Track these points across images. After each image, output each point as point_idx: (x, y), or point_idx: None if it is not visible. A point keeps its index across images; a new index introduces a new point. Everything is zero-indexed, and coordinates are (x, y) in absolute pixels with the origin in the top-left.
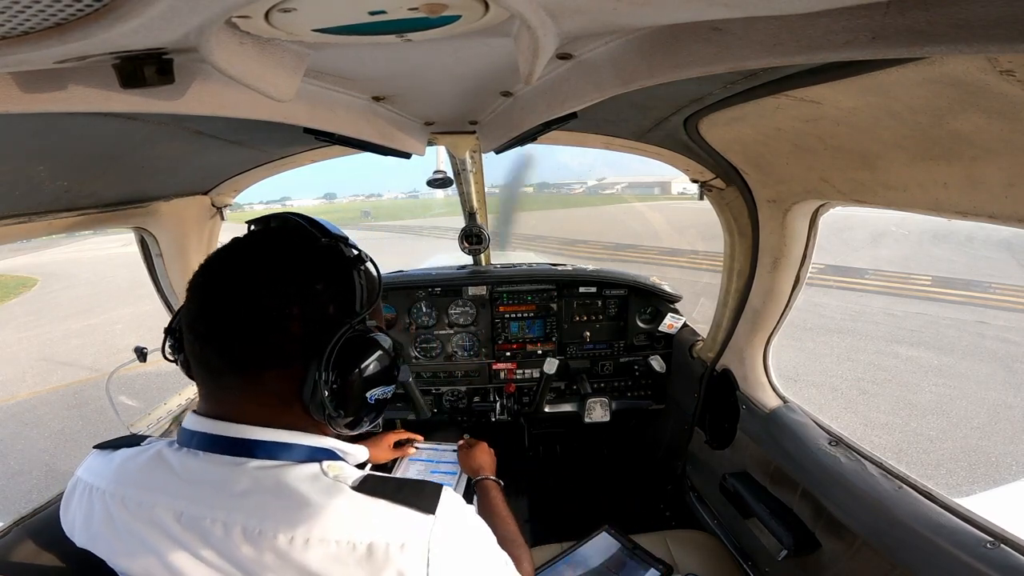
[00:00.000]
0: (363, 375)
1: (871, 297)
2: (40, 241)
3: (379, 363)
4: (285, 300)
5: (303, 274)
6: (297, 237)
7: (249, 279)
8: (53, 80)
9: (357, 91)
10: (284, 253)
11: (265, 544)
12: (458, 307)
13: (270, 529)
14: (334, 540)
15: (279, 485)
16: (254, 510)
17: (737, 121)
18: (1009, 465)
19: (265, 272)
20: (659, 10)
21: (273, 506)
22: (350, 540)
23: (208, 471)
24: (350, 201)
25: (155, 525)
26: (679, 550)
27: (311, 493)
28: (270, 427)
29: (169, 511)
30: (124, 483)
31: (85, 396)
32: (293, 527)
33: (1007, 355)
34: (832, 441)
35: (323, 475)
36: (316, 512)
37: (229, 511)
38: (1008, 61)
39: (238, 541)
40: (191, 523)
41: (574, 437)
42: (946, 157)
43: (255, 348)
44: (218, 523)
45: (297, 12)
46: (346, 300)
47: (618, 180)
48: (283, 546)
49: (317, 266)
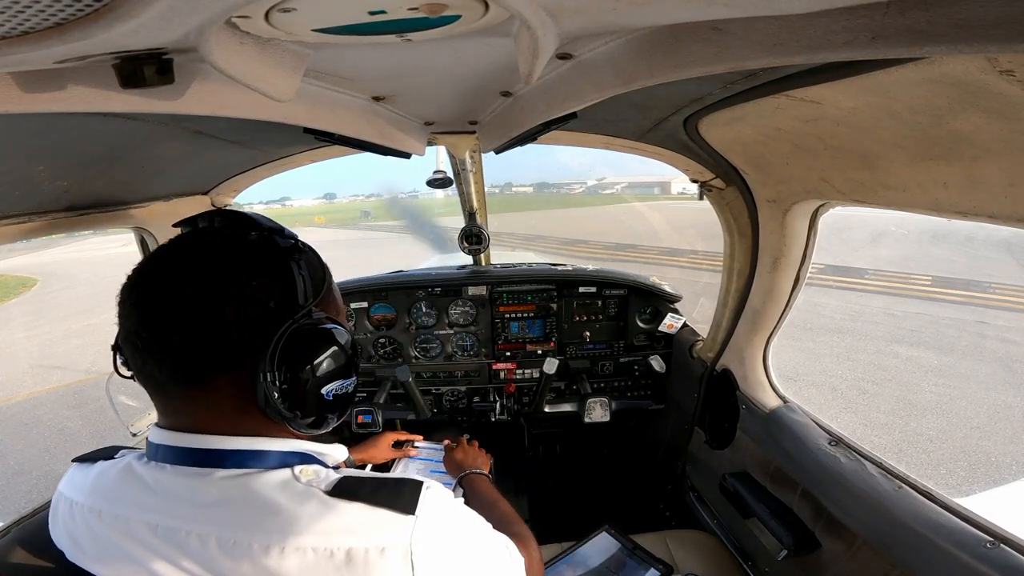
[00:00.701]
0: (315, 371)
1: (871, 297)
2: (40, 241)
3: (332, 356)
4: (217, 302)
5: (233, 272)
6: (225, 235)
7: (176, 285)
8: (53, 80)
9: (357, 91)
10: (211, 253)
11: (241, 554)
12: (458, 307)
13: (244, 539)
14: (310, 548)
15: (248, 494)
16: (226, 521)
17: (737, 121)
18: (1009, 465)
19: (191, 274)
20: (659, 10)
21: (245, 516)
22: (327, 547)
23: (176, 484)
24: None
25: (134, 538)
26: (679, 550)
27: (282, 500)
28: (234, 435)
29: (144, 524)
30: (99, 498)
31: (85, 396)
32: (268, 536)
33: (1007, 355)
34: (832, 441)
35: (295, 480)
36: (290, 520)
37: (202, 523)
38: (1008, 61)
39: (215, 552)
40: (168, 535)
41: (574, 437)
42: (946, 157)
43: (194, 357)
44: (192, 535)
45: (297, 12)
46: (286, 294)
47: (618, 180)
48: (259, 556)
49: (248, 262)
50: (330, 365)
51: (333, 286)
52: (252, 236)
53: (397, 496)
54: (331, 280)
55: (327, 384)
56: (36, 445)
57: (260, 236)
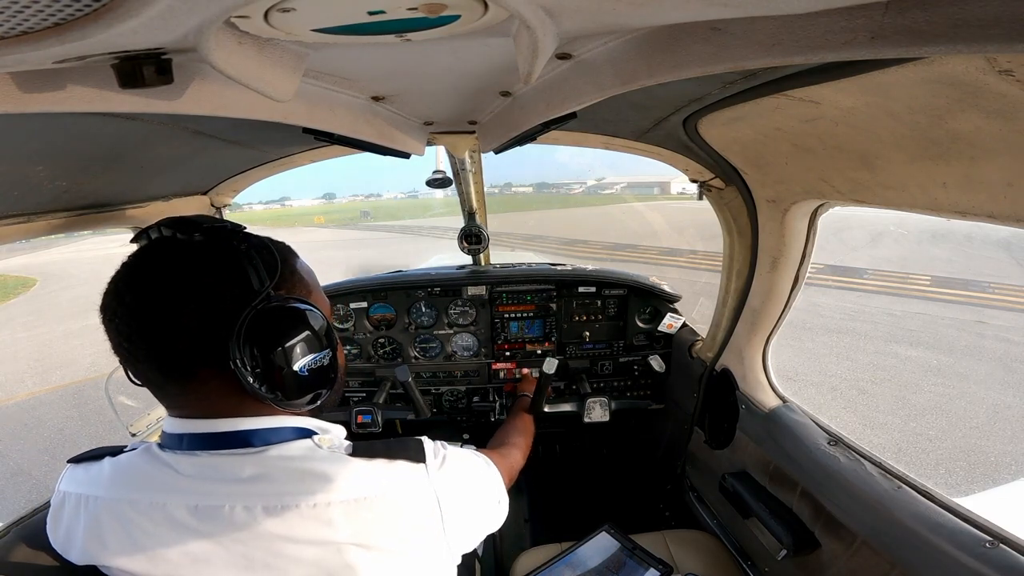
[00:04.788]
0: (283, 350)
1: (870, 297)
2: (39, 241)
3: (298, 333)
4: (176, 306)
5: (184, 276)
6: (171, 242)
7: (138, 299)
8: (52, 80)
9: (356, 91)
10: (161, 263)
11: (291, 514)
12: (457, 307)
13: (291, 501)
14: (352, 498)
15: (283, 463)
16: (269, 489)
17: (736, 121)
18: (1008, 465)
19: (149, 287)
20: (658, 10)
21: (286, 481)
22: (364, 495)
23: (211, 464)
24: (350, 201)
25: (171, 522)
26: (679, 550)
27: (315, 464)
28: (243, 416)
29: (182, 507)
30: (126, 488)
31: (84, 396)
32: (311, 495)
33: (1006, 355)
34: (831, 441)
35: (318, 447)
36: (327, 478)
37: (245, 495)
38: (1007, 61)
39: (262, 519)
40: (208, 514)
41: (574, 437)
42: (945, 157)
43: (174, 358)
44: (237, 508)
45: (296, 12)
46: (239, 283)
47: (617, 180)
48: (307, 511)
49: (196, 263)
50: (296, 339)
51: (298, 266)
52: (196, 238)
53: (406, 449)
54: (294, 262)
55: (299, 360)
56: (36, 445)
57: (204, 236)
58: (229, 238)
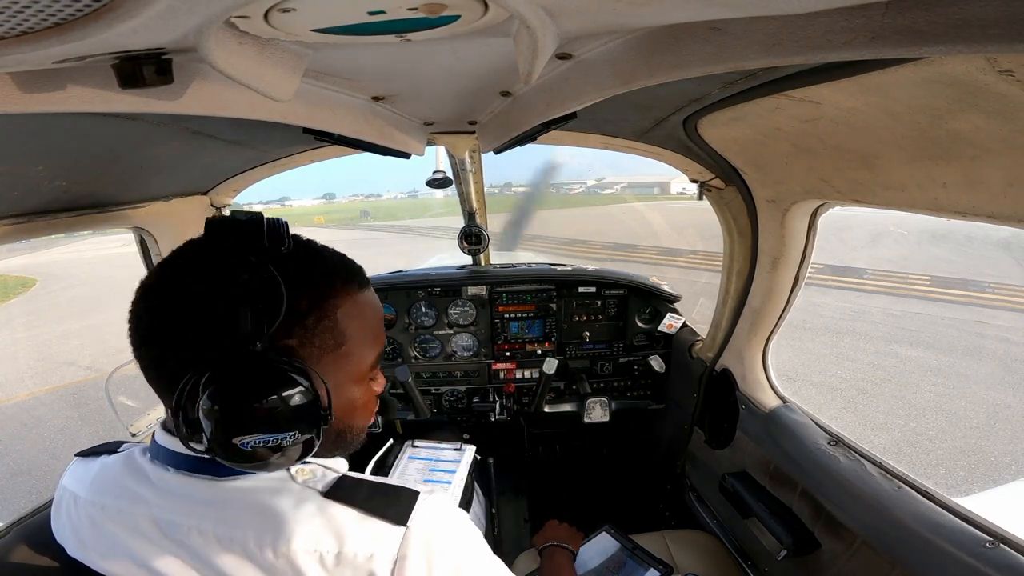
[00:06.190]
0: (224, 415)
1: (870, 297)
2: (39, 241)
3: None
4: (173, 319)
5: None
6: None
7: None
8: (52, 80)
9: (356, 91)
10: (182, 265)
11: (238, 550)
12: (457, 307)
13: (240, 536)
14: (302, 549)
15: (245, 494)
16: (224, 518)
17: (736, 121)
18: (1008, 465)
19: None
20: (658, 10)
21: (241, 514)
22: (317, 549)
23: (179, 483)
24: (349, 201)
25: (138, 532)
26: (679, 550)
27: (278, 500)
28: None
29: (148, 519)
30: (103, 492)
31: (84, 396)
32: (262, 534)
33: (1006, 355)
34: (831, 441)
35: (291, 480)
36: (284, 520)
37: (202, 519)
38: (1007, 61)
39: (215, 548)
40: (171, 530)
41: (574, 437)
42: (945, 157)
43: (157, 368)
44: (194, 531)
45: (296, 12)
46: (227, 321)
47: (617, 180)
48: (254, 553)
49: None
50: (249, 414)
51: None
52: (211, 254)
53: (390, 505)
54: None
55: (240, 435)
56: (36, 445)
57: (217, 253)
58: (249, 263)
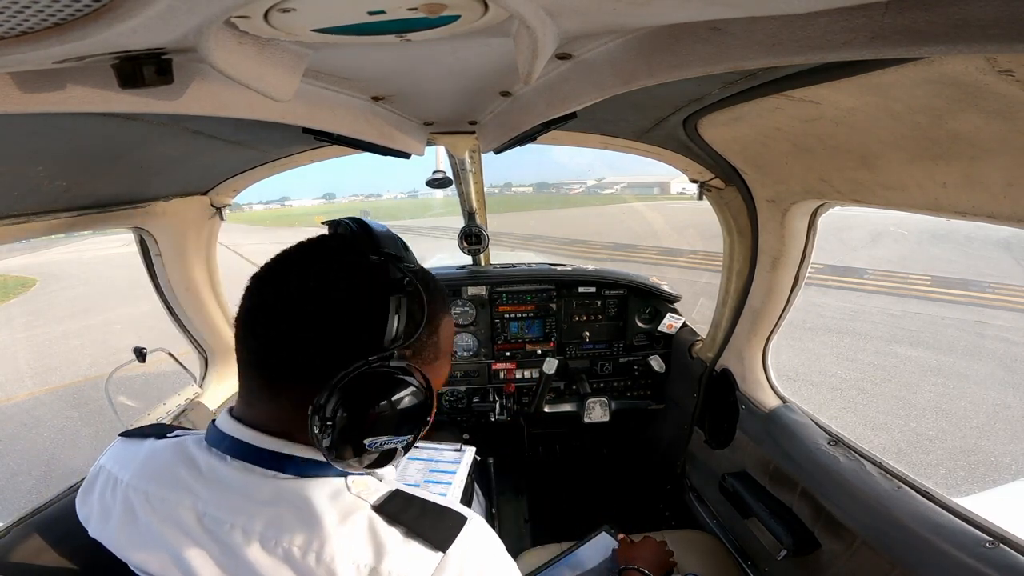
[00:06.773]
0: (363, 417)
1: (870, 297)
2: (39, 241)
3: (389, 410)
4: (310, 315)
5: (331, 291)
6: (341, 250)
7: (282, 287)
8: (52, 80)
9: (356, 91)
10: (321, 266)
11: (279, 554)
12: (457, 307)
13: (285, 540)
14: (344, 560)
15: (300, 498)
16: (273, 520)
17: (736, 121)
18: (1008, 465)
19: (296, 281)
20: (658, 10)
21: (292, 518)
22: (356, 562)
23: (234, 477)
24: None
25: (176, 524)
26: (678, 550)
27: (329, 509)
28: (297, 442)
29: (191, 511)
30: (148, 478)
31: (84, 396)
32: (308, 541)
33: (1006, 355)
34: (831, 441)
35: (346, 490)
36: (331, 530)
37: (249, 518)
38: (1007, 61)
39: (255, 549)
40: (212, 525)
41: (573, 437)
42: (945, 157)
43: (276, 355)
44: (237, 529)
45: (296, 12)
46: (373, 330)
47: (617, 180)
48: (296, 558)
49: (349, 286)
50: (383, 416)
51: (442, 327)
52: (369, 259)
53: (435, 529)
54: (441, 320)
55: (371, 436)
56: (36, 445)
57: (374, 261)
58: (395, 275)
